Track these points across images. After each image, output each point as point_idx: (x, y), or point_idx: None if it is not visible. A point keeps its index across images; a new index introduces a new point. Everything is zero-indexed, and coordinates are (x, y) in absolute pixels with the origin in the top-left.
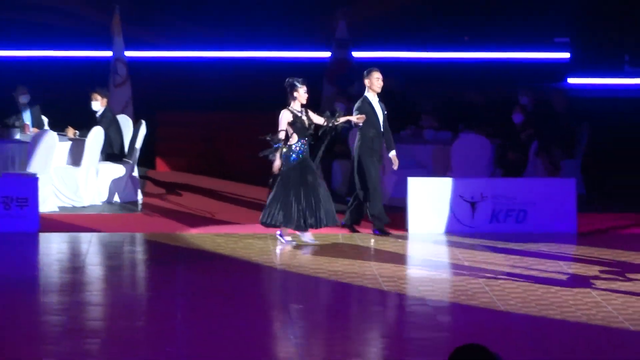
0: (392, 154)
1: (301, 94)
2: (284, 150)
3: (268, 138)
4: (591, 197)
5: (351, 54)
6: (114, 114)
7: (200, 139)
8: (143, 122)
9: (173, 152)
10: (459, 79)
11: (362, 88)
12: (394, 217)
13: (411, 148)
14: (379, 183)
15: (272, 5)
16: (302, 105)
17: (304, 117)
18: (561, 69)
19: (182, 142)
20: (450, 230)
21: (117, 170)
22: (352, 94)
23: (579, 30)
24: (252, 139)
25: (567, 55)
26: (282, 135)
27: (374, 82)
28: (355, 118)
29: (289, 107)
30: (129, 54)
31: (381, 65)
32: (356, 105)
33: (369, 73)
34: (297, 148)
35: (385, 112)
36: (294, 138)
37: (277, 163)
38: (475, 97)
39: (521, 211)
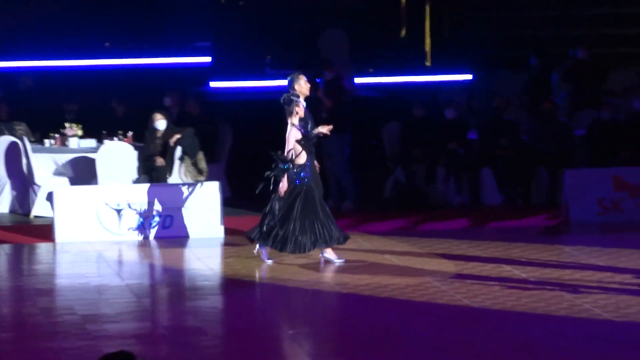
0: None
1: (302, 107)
2: (296, 169)
3: (276, 157)
4: (237, 199)
5: None
6: None
7: None
8: None
9: None
10: (103, 86)
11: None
12: (41, 229)
13: (56, 157)
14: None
15: None
16: (300, 120)
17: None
18: (203, 73)
19: None
20: (98, 238)
21: None
22: None
23: (220, 35)
24: None
25: (208, 59)
26: (290, 154)
27: (303, 86)
28: (325, 129)
29: (294, 124)
30: None
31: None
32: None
33: (297, 78)
34: (308, 166)
35: None
36: (303, 156)
37: (285, 185)
38: (118, 104)
39: (168, 216)
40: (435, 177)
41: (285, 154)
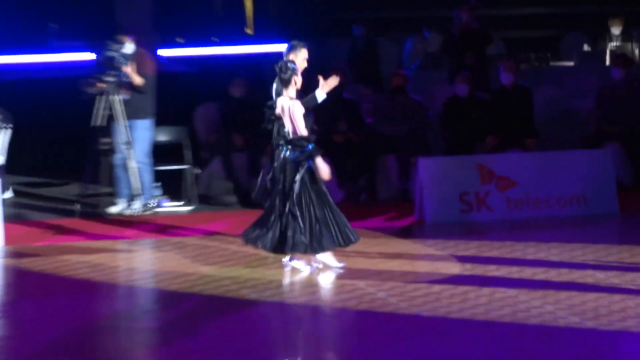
0: None
1: (300, 77)
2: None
3: (295, 142)
4: (18, 200)
5: None
6: None
7: None
8: None
9: None
10: None
11: None
12: None
13: None
14: None
15: None
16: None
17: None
18: None
19: None
20: None
21: None
22: None
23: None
24: None
25: None
26: (306, 132)
27: (301, 63)
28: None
29: (294, 97)
30: None
31: None
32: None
33: (298, 49)
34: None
35: None
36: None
37: (326, 167)
38: None
39: None
40: (259, 169)
41: (301, 134)
